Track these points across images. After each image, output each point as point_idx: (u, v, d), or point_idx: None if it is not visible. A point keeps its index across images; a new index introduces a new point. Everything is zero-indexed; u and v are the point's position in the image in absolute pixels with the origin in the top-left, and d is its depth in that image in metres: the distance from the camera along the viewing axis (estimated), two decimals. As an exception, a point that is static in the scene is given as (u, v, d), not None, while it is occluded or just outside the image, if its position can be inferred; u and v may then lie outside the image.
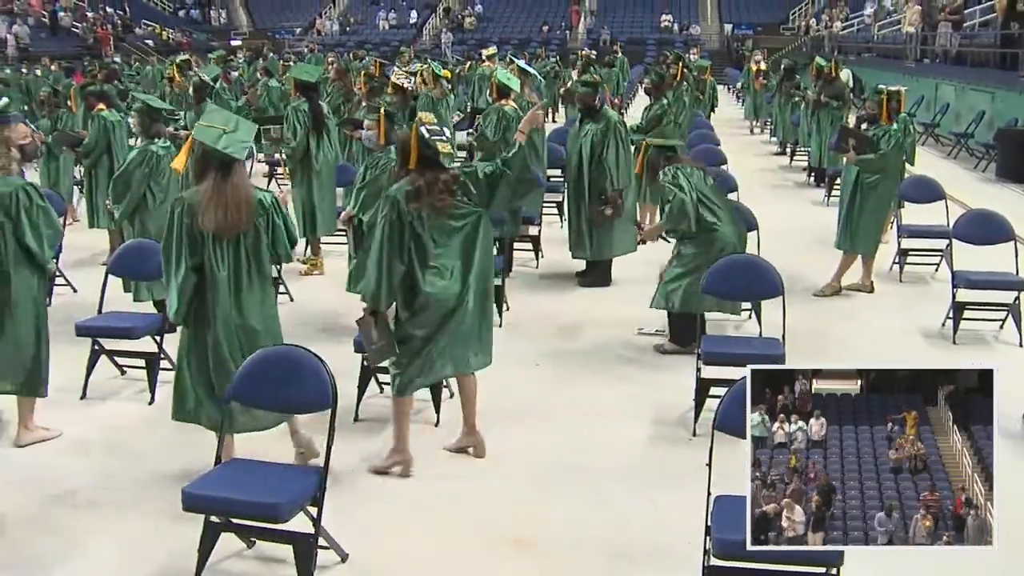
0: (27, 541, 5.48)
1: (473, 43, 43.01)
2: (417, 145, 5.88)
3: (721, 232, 7.84)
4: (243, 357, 5.40)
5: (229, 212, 5.54)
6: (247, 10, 52.41)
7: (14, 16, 41.58)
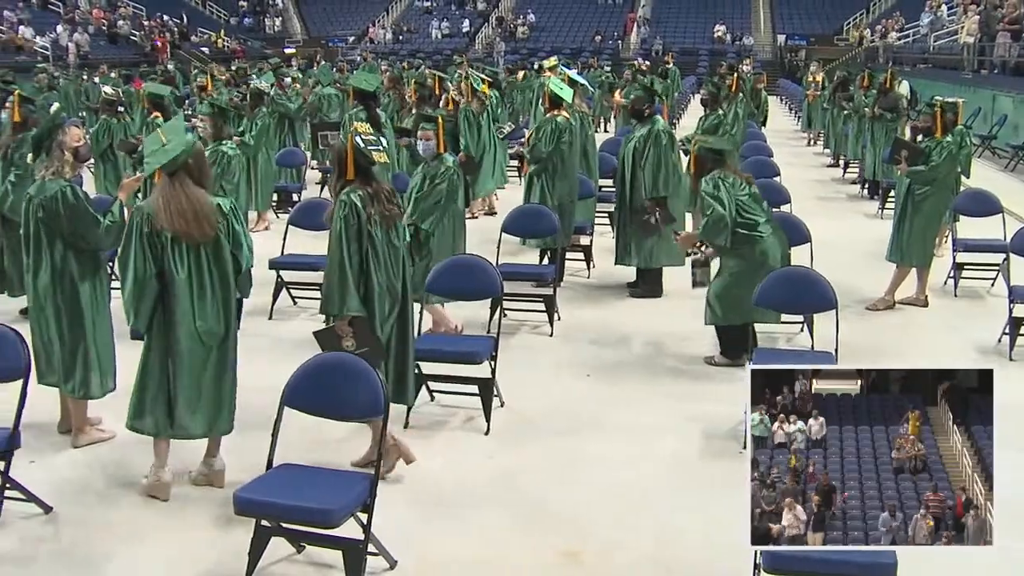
0: (82, 537, 5.57)
1: (525, 52, 43.11)
2: (353, 155, 5.94)
3: (763, 242, 7.77)
4: (205, 361, 5.66)
5: (185, 218, 5.58)
6: (301, 18, 52.86)
7: (75, 25, 42.26)
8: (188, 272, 5.66)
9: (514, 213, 9.48)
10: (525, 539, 5.45)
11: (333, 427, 5.97)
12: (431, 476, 6.16)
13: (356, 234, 5.86)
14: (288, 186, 14.50)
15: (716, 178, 7.81)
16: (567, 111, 10.29)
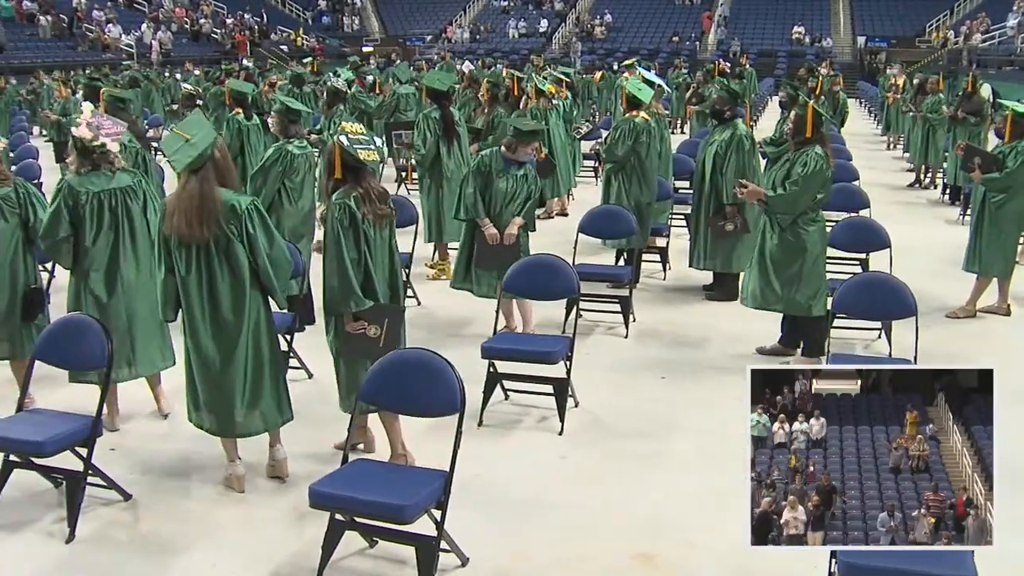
0: (160, 526, 5.69)
1: (603, 52, 43.02)
2: (340, 156, 5.85)
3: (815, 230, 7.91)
4: (220, 363, 5.69)
5: (186, 218, 5.51)
6: (379, 17, 53.23)
7: (159, 23, 43.04)
8: (197, 272, 5.63)
9: (591, 213, 9.45)
10: (598, 540, 5.44)
11: (409, 423, 6.01)
12: (504, 475, 6.17)
13: (352, 234, 5.82)
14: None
15: (819, 156, 7.84)
16: (645, 112, 10.24)
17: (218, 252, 5.59)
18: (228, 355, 5.73)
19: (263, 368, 5.85)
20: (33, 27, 39.10)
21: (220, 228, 5.54)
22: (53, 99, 22.46)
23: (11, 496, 5.81)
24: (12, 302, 6.92)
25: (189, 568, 5.27)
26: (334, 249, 5.81)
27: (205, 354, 5.75)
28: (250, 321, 5.75)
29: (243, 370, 5.78)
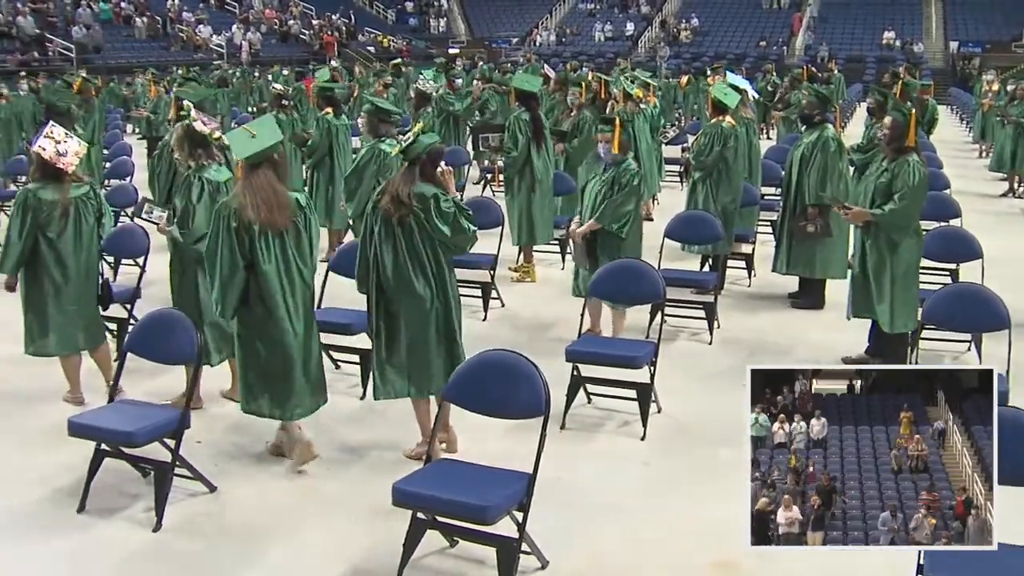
0: (245, 517, 5.79)
1: (688, 56, 42.72)
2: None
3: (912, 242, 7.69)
4: (290, 347, 6.01)
5: (269, 206, 5.87)
6: (466, 19, 53.44)
7: (249, 24, 43.72)
8: (276, 262, 5.93)
9: (677, 218, 9.40)
10: (677, 547, 5.39)
11: (490, 424, 6.01)
12: (585, 479, 6.16)
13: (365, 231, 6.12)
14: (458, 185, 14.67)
15: (919, 164, 7.63)
16: (732, 117, 10.14)
17: (289, 241, 5.96)
18: (299, 340, 6.10)
19: (313, 355, 6.28)
20: (129, 28, 39.97)
21: (289, 217, 5.93)
22: (146, 98, 22.90)
23: (102, 484, 5.94)
24: (93, 294, 7.28)
25: (271, 561, 5.35)
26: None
27: (277, 341, 6.03)
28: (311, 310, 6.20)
29: (311, 354, 6.21)
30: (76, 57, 34.51)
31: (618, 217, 8.10)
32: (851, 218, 7.91)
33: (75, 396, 7.38)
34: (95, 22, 37.59)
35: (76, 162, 7.11)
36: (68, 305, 7.14)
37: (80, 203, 7.11)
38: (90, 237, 7.19)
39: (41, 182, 7.05)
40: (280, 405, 6.15)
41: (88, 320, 7.29)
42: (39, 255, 7.06)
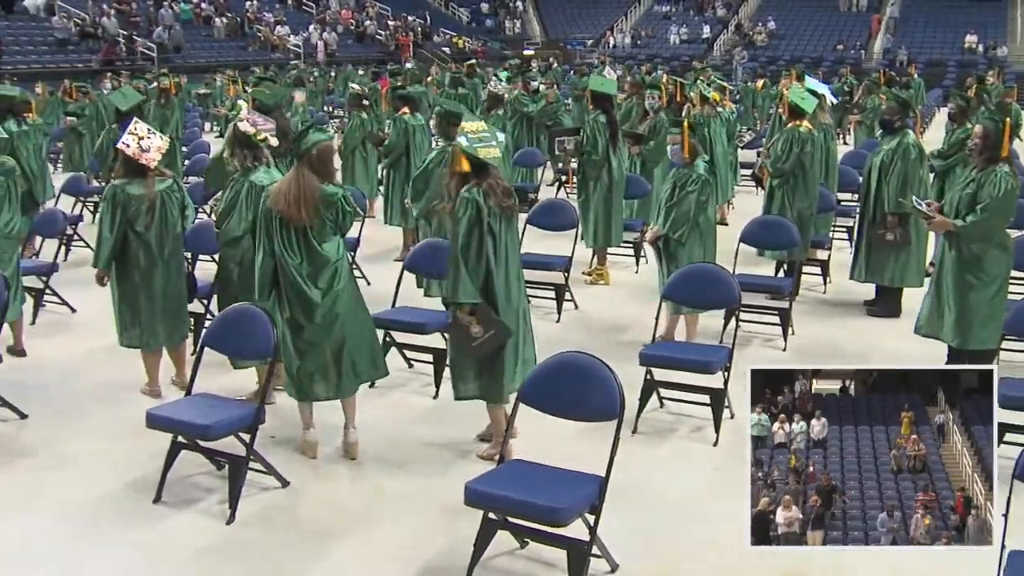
0: (316, 513, 5.85)
1: (764, 60, 42.33)
2: (463, 156, 6.13)
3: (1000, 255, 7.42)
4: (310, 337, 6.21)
5: (287, 201, 6.09)
6: (541, 21, 53.47)
7: (325, 24, 44.16)
8: (295, 252, 6.17)
9: (754, 223, 9.31)
10: (750, 557, 5.31)
11: (564, 426, 6.00)
12: (657, 483, 6.12)
13: (478, 229, 6.04)
14: (525, 186, 14.70)
15: (1008, 175, 7.32)
16: (811, 122, 10.02)
17: (312, 233, 6.15)
18: (327, 327, 6.31)
19: (345, 343, 6.42)
20: (209, 28, 40.60)
21: (317, 214, 6.11)
22: (225, 97, 23.26)
23: (178, 476, 6.04)
24: (181, 287, 7.46)
25: (342, 556, 5.39)
26: (456, 243, 6.09)
27: (300, 326, 6.27)
28: (334, 303, 6.31)
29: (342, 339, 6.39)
30: (157, 57, 35.14)
31: (675, 221, 8.06)
32: (933, 227, 7.75)
33: (153, 389, 7.52)
34: (176, 22, 38.23)
35: (158, 157, 7.26)
36: (156, 298, 7.31)
37: (166, 196, 7.28)
38: (175, 230, 7.38)
39: (127, 178, 7.21)
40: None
41: (174, 313, 7.45)
42: (128, 249, 7.24)
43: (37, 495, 6.13)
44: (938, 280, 7.56)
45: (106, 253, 7.21)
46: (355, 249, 10.37)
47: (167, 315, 7.40)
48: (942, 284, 7.50)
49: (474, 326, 6.06)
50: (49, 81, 25.28)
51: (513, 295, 6.18)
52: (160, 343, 7.48)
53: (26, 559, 5.42)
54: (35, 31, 34.32)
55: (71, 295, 10.01)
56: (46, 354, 8.64)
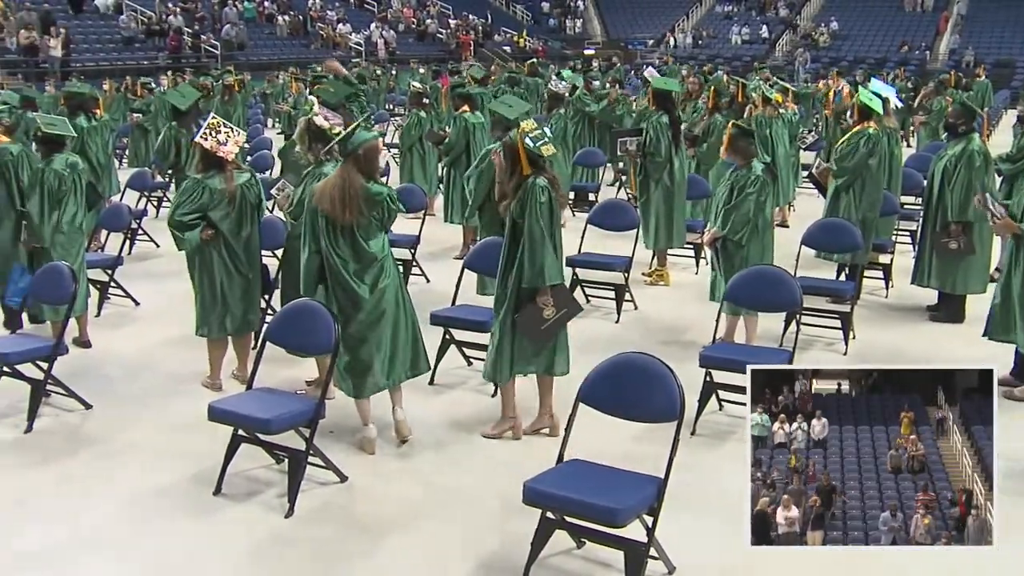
0: (373, 508, 5.89)
1: (827, 61, 41.87)
2: (524, 151, 6.36)
3: None
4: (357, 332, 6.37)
5: (332, 201, 6.24)
6: (602, 20, 53.35)
7: (386, 23, 44.41)
8: (342, 249, 6.32)
9: (816, 225, 9.22)
10: (807, 562, 5.27)
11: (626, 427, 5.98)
12: (715, 486, 6.07)
13: (552, 214, 6.38)
14: (585, 185, 14.68)
15: None
16: (876, 124, 9.90)
17: (357, 231, 6.31)
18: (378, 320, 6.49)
19: (401, 332, 6.64)
20: (272, 26, 40.98)
21: (363, 213, 6.26)
22: (287, 94, 23.45)
23: (237, 468, 6.11)
24: (257, 280, 7.57)
25: (398, 552, 5.42)
26: (538, 228, 6.33)
27: (355, 319, 6.42)
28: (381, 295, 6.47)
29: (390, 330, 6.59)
30: (221, 54, 35.52)
31: (735, 223, 8.02)
32: (998, 229, 7.63)
33: (214, 382, 7.60)
34: (240, 20, 38.63)
35: (235, 151, 7.38)
36: (237, 288, 7.43)
37: (245, 190, 7.39)
38: (254, 223, 7.48)
39: (206, 172, 7.33)
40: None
41: (249, 305, 7.55)
42: (209, 241, 7.34)
43: (99, 484, 6.24)
44: (1007, 284, 7.43)
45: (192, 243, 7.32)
46: (415, 247, 10.43)
47: (243, 306, 7.50)
48: (1011, 288, 7.38)
49: (548, 308, 6.34)
50: (116, 79, 25.66)
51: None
52: (236, 331, 7.58)
53: (85, 546, 5.50)
54: (103, 29, 34.84)
55: (135, 288, 10.16)
56: (110, 346, 8.79)
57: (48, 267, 7.65)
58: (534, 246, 6.33)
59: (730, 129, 8.42)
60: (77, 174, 8.50)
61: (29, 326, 8.59)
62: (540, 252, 6.33)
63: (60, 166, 8.35)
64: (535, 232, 6.32)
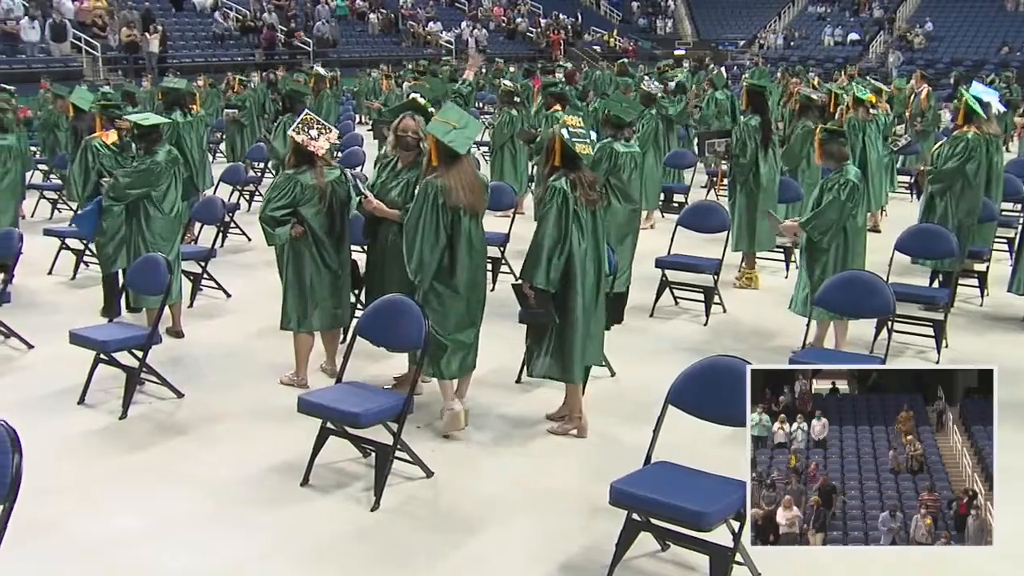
0: (458, 504, 5.92)
1: (921, 63, 41.05)
2: (560, 146, 6.45)
3: None
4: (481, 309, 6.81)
5: (474, 191, 6.57)
6: (692, 21, 52.99)
7: (477, 21, 44.63)
8: (469, 237, 6.58)
9: (910, 231, 9.03)
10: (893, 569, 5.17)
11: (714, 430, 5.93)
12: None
13: (563, 216, 6.42)
14: (673, 187, 14.60)
15: None
16: (978, 128, 9.67)
17: (478, 219, 6.67)
18: (478, 305, 6.87)
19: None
20: (363, 24, 41.42)
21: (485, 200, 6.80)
22: (379, 91, 23.68)
23: (323, 460, 6.17)
24: (347, 276, 7.63)
25: (481, 549, 5.44)
26: (542, 227, 6.48)
27: (470, 302, 6.76)
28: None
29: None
30: (313, 51, 35.99)
31: (818, 225, 7.87)
32: None
33: (299, 380, 7.63)
34: (332, 18, 39.10)
35: (326, 146, 7.43)
36: (326, 284, 7.48)
37: (336, 186, 7.45)
38: (343, 219, 7.54)
39: (298, 167, 7.41)
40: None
41: (338, 302, 7.60)
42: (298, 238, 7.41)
43: (188, 471, 6.36)
44: None
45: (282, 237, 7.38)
46: (504, 245, 10.45)
47: (332, 302, 7.54)
48: None
49: (531, 299, 6.54)
50: (211, 75, 26.13)
51: (589, 278, 6.55)
52: (323, 327, 7.63)
53: (170, 532, 5.61)
54: (199, 27, 35.51)
55: (227, 280, 10.34)
56: (202, 336, 8.96)
57: (145, 257, 7.84)
58: (532, 242, 6.54)
59: (819, 133, 8.28)
60: (177, 167, 8.68)
61: (126, 315, 8.80)
62: (534, 251, 6.49)
63: (163, 158, 8.52)
64: (538, 230, 6.52)
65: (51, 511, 5.57)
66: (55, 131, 15.51)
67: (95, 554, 5.34)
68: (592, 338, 6.70)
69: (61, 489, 5.96)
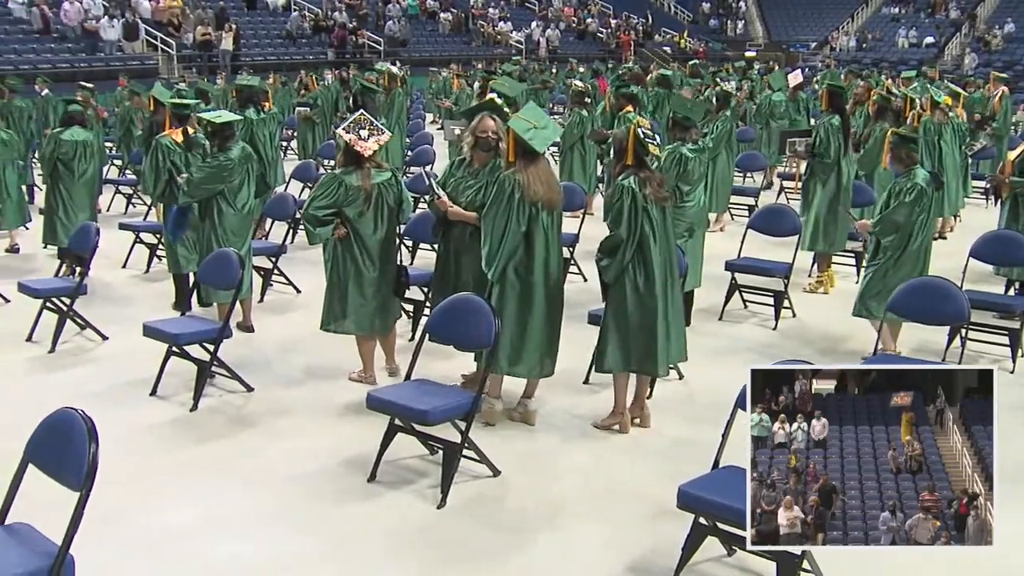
0: (523, 504, 5.91)
1: (999, 65, 40.28)
2: (633, 144, 6.53)
3: None
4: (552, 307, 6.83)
5: (551, 187, 6.70)
6: (764, 22, 52.55)
7: (548, 21, 44.65)
8: (545, 232, 6.68)
9: (986, 238, 8.85)
10: None
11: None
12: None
13: (632, 214, 6.48)
14: (744, 189, 14.49)
15: None
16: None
17: (556, 216, 6.81)
18: (552, 301, 6.88)
19: (557, 319, 7.00)
20: (434, 23, 41.63)
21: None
22: (449, 90, 23.77)
23: (392, 457, 6.22)
24: (391, 280, 7.54)
25: (545, 550, 5.43)
26: (612, 223, 6.58)
27: (536, 301, 6.81)
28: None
29: (553, 316, 6.97)
30: (384, 50, 36.23)
31: (884, 227, 7.78)
32: None
33: (368, 377, 7.67)
34: (403, 17, 39.34)
35: (375, 147, 7.31)
36: (367, 288, 7.41)
37: (383, 189, 7.39)
38: (390, 223, 7.46)
39: (346, 167, 7.37)
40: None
41: (383, 304, 7.53)
42: (341, 238, 7.38)
43: (255, 464, 6.44)
44: None
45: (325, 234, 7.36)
46: (573, 246, 10.45)
47: (379, 304, 7.49)
48: None
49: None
50: (283, 73, 26.42)
51: (658, 274, 6.57)
52: (371, 331, 7.61)
53: (234, 524, 5.68)
54: (272, 25, 35.91)
55: (297, 276, 10.45)
56: (272, 331, 9.06)
57: (217, 252, 7.92)
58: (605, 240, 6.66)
59: (890, 136, 8.16)
60: (251, 163, 8.77)
61: (197, 309, 8.93)
62: (604, 241, 6.62)
63: (236, 154, 8.62)
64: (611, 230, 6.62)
65: (118, 502, 5.64)
66: (131, 127, 15.76)
67: (158, 545, 5.41)
68: (675, 333, 6.75)
69: (128, 479, 6.05)
